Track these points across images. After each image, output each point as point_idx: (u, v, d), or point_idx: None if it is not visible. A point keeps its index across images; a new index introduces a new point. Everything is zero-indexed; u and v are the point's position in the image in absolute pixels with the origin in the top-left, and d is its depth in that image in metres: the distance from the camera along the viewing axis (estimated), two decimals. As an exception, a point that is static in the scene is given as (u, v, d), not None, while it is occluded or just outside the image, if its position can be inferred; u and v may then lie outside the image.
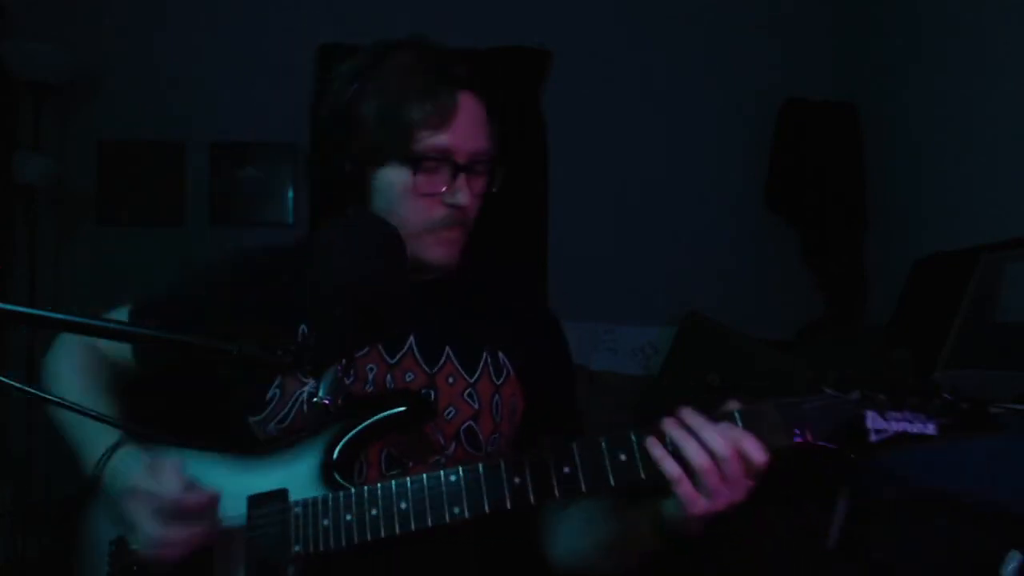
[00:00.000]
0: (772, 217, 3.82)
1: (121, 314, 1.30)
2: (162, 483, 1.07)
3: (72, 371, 1.28)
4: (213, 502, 1.09)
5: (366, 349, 1.24)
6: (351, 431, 1.15)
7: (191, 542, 1.07)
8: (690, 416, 1.01)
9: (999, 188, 2.81)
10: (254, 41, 3.72)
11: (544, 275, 3.68)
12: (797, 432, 0.99)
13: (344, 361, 0.99)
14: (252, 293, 1.26)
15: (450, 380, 1.26)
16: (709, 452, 0.97)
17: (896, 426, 0.97)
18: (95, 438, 1.19)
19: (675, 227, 3.79)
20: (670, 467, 0.98)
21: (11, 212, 3.60)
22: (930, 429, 0.96)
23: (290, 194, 3.77)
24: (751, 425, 0.99)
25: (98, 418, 0.97)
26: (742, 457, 0.97)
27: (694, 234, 3.80)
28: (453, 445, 1.24)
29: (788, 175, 3.73)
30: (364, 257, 1.00)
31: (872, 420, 0.98)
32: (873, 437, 0.97)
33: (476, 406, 1.26)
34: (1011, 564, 1.45)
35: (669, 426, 1.01)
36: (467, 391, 1.26)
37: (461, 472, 1.06)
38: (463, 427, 1.25)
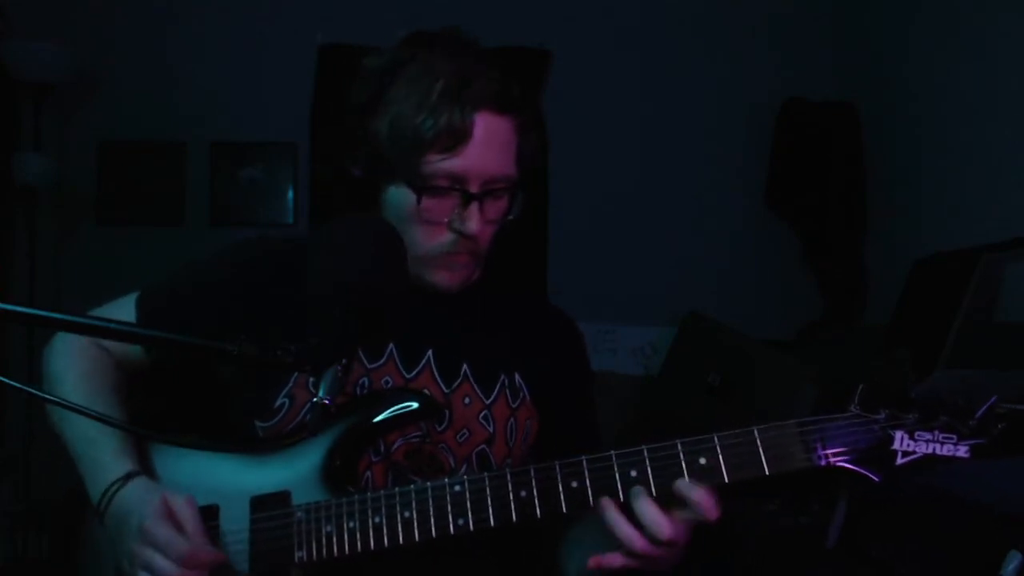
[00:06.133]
0: (772, 217, 3.81)
1: (128, 301, 1.26)
2: (175, 534, 1.04)
3: (77, 376, 1.22)
4: (225, 562, 1.07)
5: (383, 360, 1.22)
6: (354, 429, 1.13)
7: None
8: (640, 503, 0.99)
9: (999, 188, 2.81)
10: (254, 41, 3.72)
11: (544, 275, 3.68)
12: (819, 456, 0.95)
13: (344, 361, 0.99)
14: (271, 287, 1.23)
15: (466, 400, 1.23)
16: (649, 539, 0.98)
17: (925, 448, 0.92)
18: (104, 463, 1.14)
19: (675, 227, 3.79)
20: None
21: (11, 212, 3.59)
22: (962, 452, 0.91)
23: (290, 194, 3.77)
24: (769, 448, 0.96)
25: (99, 419, 0.96)
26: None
27: (694, 234, 3.80)
28: (464, 468, 1.21)
29: (788, 175, 3.73)
30: (364, 257, 0.99)
31: (900, 441, 0.93)
32: (900, 460, 0.93)
33: (491, 430, 1.22)
34: (1011, 564, 1.45)
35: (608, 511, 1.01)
36: (483, 413, 1.23)
37: (466, 482, 1.04)
38: (476, 451, 1.22)
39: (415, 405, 1.14)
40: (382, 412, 1.13)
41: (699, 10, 3.87)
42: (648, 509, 0.97)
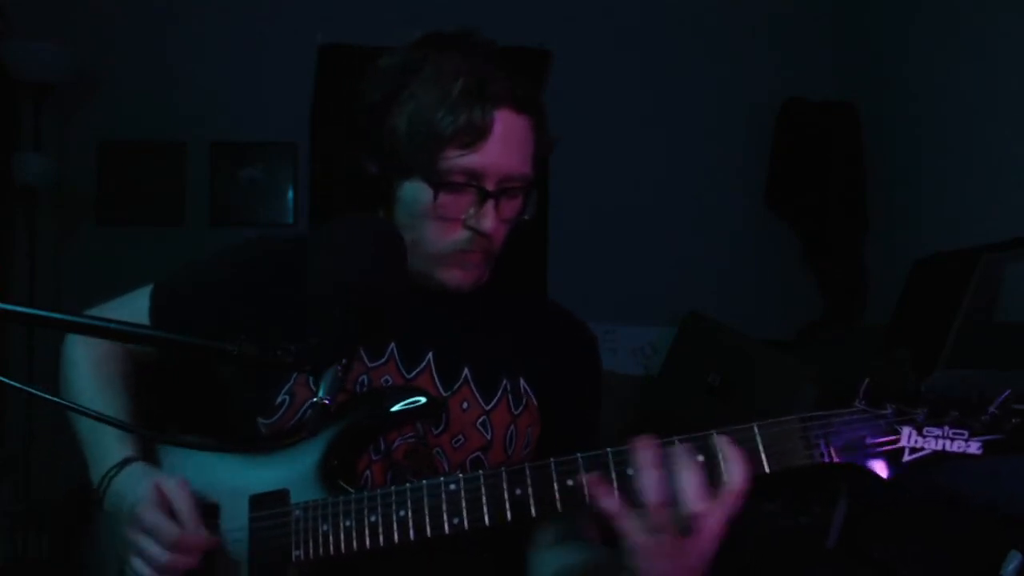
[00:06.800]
0: (772, 217, 3.81)
1: (140, 296, 1.27)
2: (166, 519, 1.05)
3: (89, 362, 1.25)
4: (215, 544, 1.08)
5: (384, 359, 1.21)
6: (353, 428, 1.13)
7: (189, 568, 1.06)
8: (676, 455, 0.93)
9: (999, 188, 2.81)
10: (254, 41, 3.72)
11: (544, 275, 3.68)
12: (822, 452, 0.92)
13: (344, 361, 0.98)
14: (272, 287, 1.23)
15: (464, 405, 1.21)
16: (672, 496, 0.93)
17: (935, 444, 0.88)
18: (107, 447, 1.16)
19: (675, 227, 3.79)
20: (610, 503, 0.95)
21: (11, 212, 3.59)
22: (973, 448, 0.86)
23: (290, 194, 3.77)
24: (770, 444, 0.95)
25: (99, 418, 0.97)
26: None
27: (694, 234, 3.80)
28: (458, 474, 1.21)
29: (788, 175, 3.73)
30: (364, 257, 0.99)
31: (908, 438, 0.89)
32: (907, 456, 0.89)
33: (488, 436, 1.21)
34: (1011, 564, 1.45)
35: (644, 456, 0.94)
36: (480, 420, 1.21)
37: (462, 481, 1.04)
38: (470, 457, 1.21)
39: (423, 400, 1.13)
40: (393, 405, 1.13)
41: (699, 10, 3.87)
42: (645, 470, 0.93)
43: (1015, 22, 2.77)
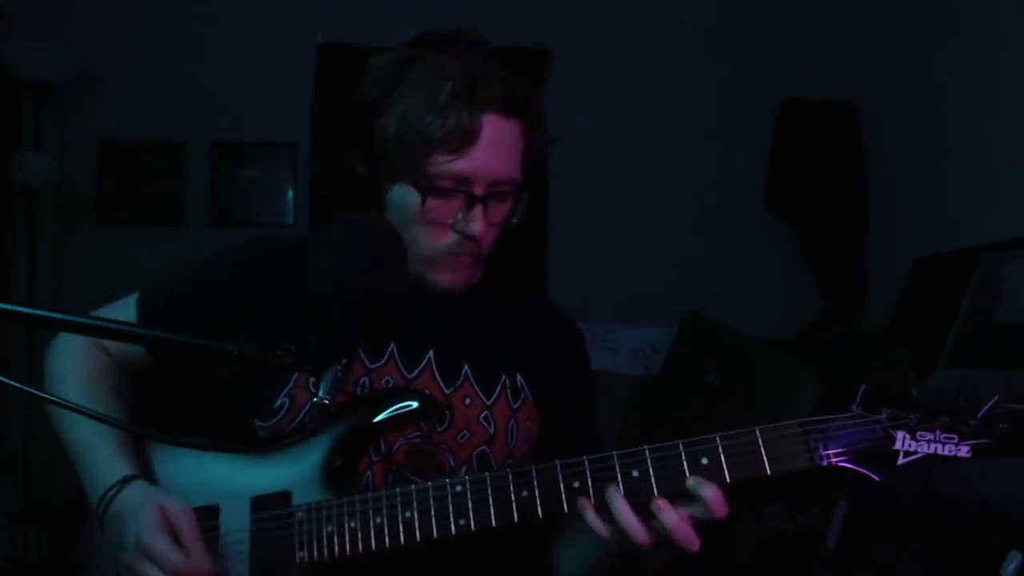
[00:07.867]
0: (772, 217, 3.81)
1: (129, 302, 1.26)
2: (173, 547, 1.04)
3: (77, 378, 1.23)
4: (219, 571, 1.07)
5: (384, 360, 1.22)
6: (355, 428, 1.13)
7: None
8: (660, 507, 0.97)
9: (999, 188, 2.81)
10: (254, 41, 3.72)
11: (544, 275, 3.68)
12: (821, 456, 0.95)
13: (344, 361, 0.99)
14: (272, 287, 1.23)
15: (467, 401, 1.22)
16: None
17: (927, 448, 0.92)
18: (102, 465, 1.14)
19: (675, 227, 3.79)
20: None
21: (11, 212, 3.59)
22: (963, 452, 0.91)
23: (290, 194, 3.77)
24: (771, 448, 0.96)
25: (98, 419, 0.96)
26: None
27: (694, 234, 3.80)
28: (464, 469, 1.20)
29: (788, 175, 3.73)
30: (364, 257, 0.99)
31: (902, 442, 0.93)
32: (902, 460, 0.93)
33: (491, 431, 1.22)
34: (1011, 564, 1.45)
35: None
36: (483, 414, 1.22)
37: (468, 482, 1.04)
38: (476, 452, 1.21)
39: (415, 405, 1.14)
40: (382, 412, 1.13)
41: (699, 10, 3.87)
42: (624, 513, 0.97)
43: (1015, 22, 2.77)
